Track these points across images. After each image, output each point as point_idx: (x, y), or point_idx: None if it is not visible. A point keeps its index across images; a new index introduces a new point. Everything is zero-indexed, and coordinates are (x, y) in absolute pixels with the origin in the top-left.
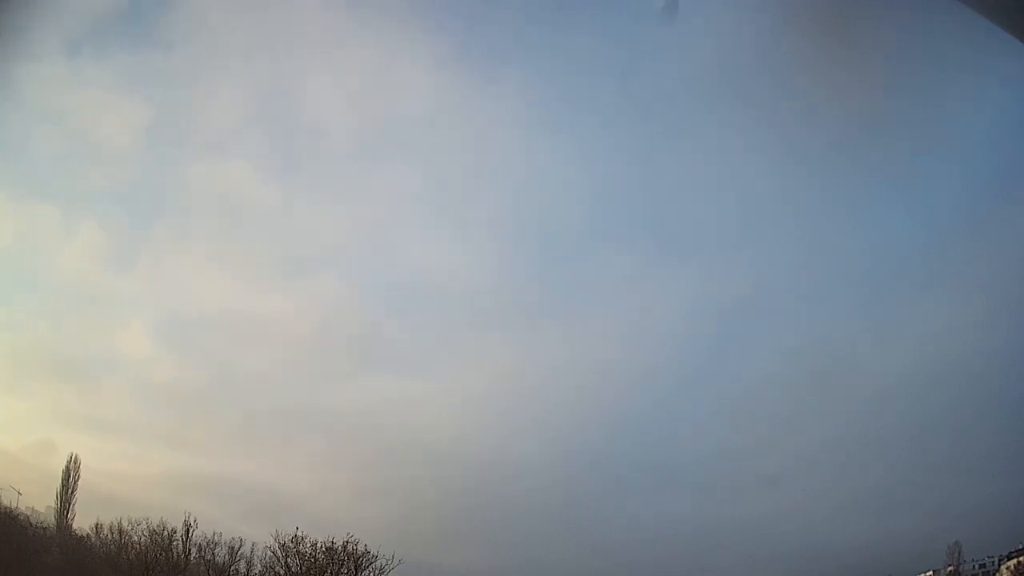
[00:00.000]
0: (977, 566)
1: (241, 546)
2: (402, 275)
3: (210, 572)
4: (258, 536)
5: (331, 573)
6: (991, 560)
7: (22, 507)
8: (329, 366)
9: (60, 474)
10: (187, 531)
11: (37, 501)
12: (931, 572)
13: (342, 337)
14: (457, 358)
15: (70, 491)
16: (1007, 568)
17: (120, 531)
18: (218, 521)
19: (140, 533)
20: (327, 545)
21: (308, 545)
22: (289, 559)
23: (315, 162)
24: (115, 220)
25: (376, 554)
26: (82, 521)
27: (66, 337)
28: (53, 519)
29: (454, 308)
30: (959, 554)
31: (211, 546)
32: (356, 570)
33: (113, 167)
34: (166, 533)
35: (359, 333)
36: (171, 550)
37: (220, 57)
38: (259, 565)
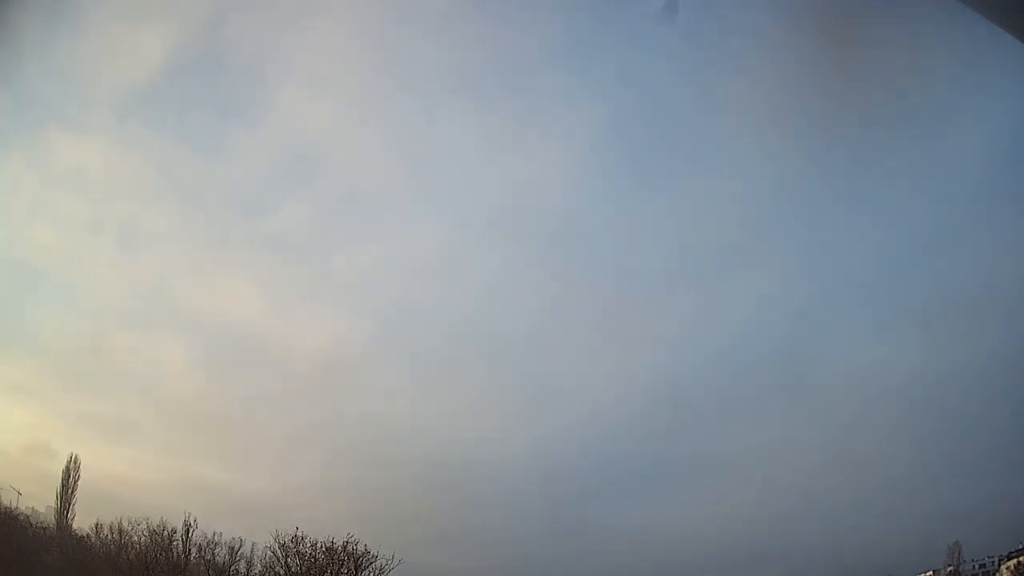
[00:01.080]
0: (977, 566)
1: (241, 546)
2: (416, 304)
3: (210, 572)
4: (258, 537)
5: (331, 573)
6: (991, 560)
7: (22, 507)
8: (337, 385)
9: (60, 474)
10: (187, 531)
11: (37, 501)
12: (931, 572)
13: (353, 358)
14: (459, 376)
15: (70, 491)
16: (1007, 568)
17: (120, 531)
18: (218, 523)
19: (140, 533)
20: (327, 545)
21: (308, 545)
22: (289, 559)
23: (352, 205)
24: (158, 252)
25: (376, 554)
26: (82, 521)
27: (86, 348)
28: (53, 519)
29: (465, 331)
30: (959, 554)
31: (211, 546)
32: (356, 570)
33: (161, 209)
34: (166, 533)
35: (368, 356)
36: (171, 550)
37: (261, 111)
38: (259, 565)
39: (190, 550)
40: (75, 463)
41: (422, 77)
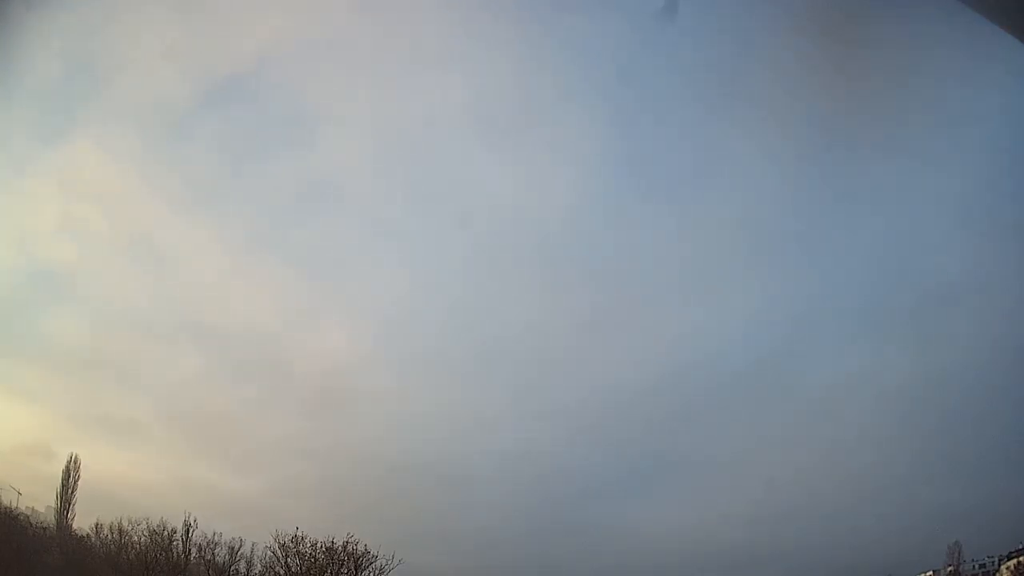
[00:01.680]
0: (977, 566)
1: (241, 546)
2: (417, 307)
3: (210, 572)
4: (258, 537)
5: (331, 573)
6: (991, 560)
7: (22, 507)
8: (337, 388)
9: (60, 474)
10: (187, 531)
11: (37, 501)
12: (931, 572)
13: (354, 362)
14: (459, 378)
15: (70, 491)
16: (1007, 568)
17: (120, 531)
18: (218, 523)
19: (140, 533)
20: (327, 545)
21: (308, 545)
22: (289, 559)
23: (358, 218)
24: (172, 265)
25: (376, 554)
26: (82, 521)
27: (92, 352)
28: (53, 519)
29: (465, 333)
30: (959, 554)
31: (211, 546)
32: (356, 570)
33: (179, 224)
34: (166, 533)
35: (368, 359)
36: (171, 550)
37: (284, 136)
38: (259, 565)
39: (190, 550)
40: (75, 463)
41: (426, 93)
